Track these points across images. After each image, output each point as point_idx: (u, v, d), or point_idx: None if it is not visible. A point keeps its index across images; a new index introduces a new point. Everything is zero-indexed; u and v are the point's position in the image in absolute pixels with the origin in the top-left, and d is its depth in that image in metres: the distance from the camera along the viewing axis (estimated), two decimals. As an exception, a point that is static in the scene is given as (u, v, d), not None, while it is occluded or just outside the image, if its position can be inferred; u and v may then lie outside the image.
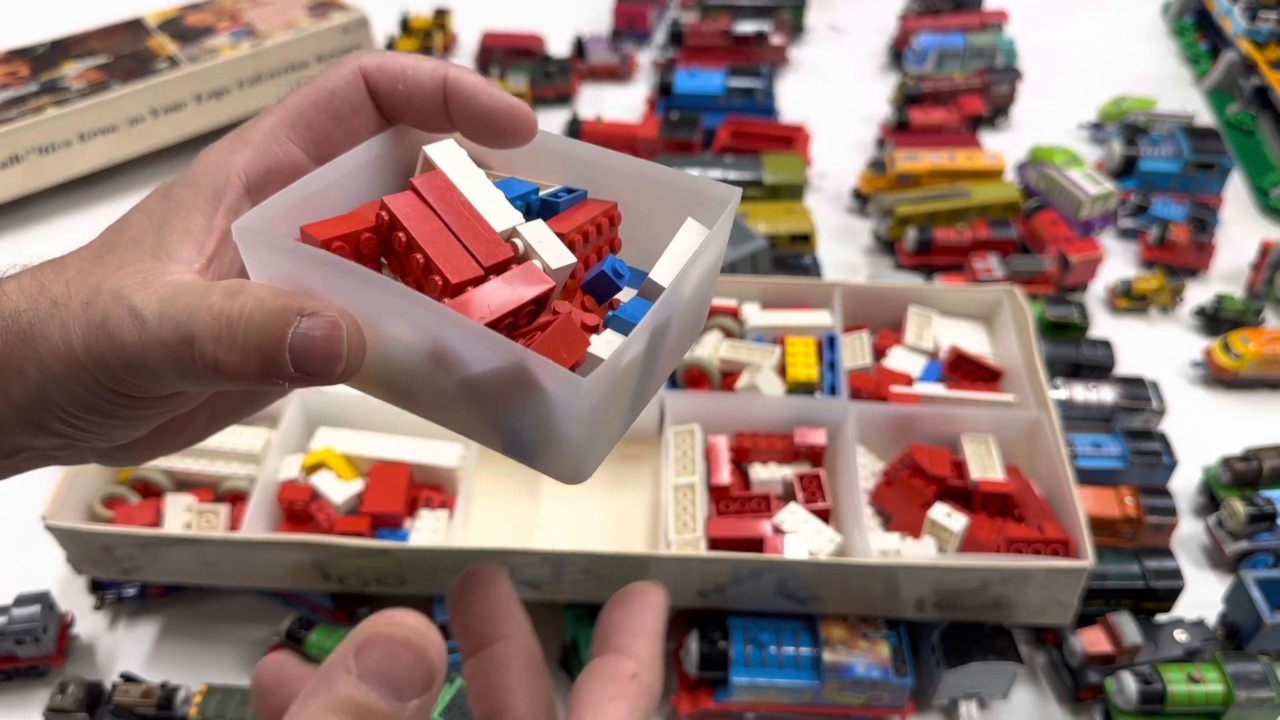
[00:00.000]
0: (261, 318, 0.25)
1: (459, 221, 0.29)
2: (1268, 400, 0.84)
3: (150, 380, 0.27)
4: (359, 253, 0.28)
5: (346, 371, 0.26)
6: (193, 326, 0.25)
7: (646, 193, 0.32)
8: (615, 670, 0.27)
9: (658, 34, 1.30)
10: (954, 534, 0.63)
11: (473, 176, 0.30)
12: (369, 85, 0.30)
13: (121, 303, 0.26)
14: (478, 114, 0.30)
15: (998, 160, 1.00)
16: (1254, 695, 0.59)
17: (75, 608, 0.67)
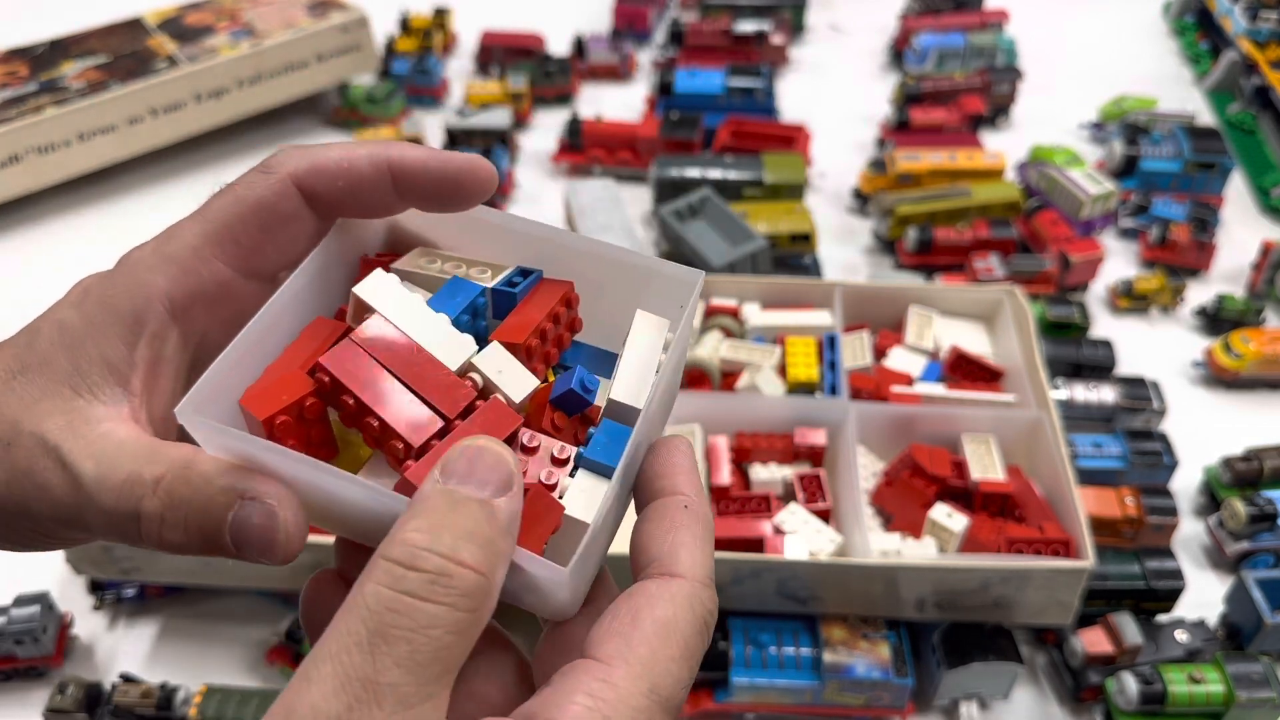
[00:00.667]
0: (205, 499, 0.25)
1: (408, 370, 0.27)
2: (1268, 400, 0.84)
3: (82, 534, 0.26)
4: (303, 419, 0.26)
5: (284, 556, 0.25)
6: (139, 504, 0.25)
7: (602, 271, 0.30)
8: (666, 508, 0.27)
9: (658, 33, 1.30)
10: (954, 534, 0.63)
11: (412, 309, 0.28)
12: (303, 190, 0.28)
13: (50, 454, 0.25)
14: (431, 186, 0.28)
15: (998, 160, 1.00)
16: (1255, 695, 0.59)
17: (74, 608, 0.67)
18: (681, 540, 0.26)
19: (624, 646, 0.24)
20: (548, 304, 0.29)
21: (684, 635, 0.24)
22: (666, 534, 0.26)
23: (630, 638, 0.24)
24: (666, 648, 0.24)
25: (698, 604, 0.25)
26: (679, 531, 0.26)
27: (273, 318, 0.28)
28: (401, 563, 0.21)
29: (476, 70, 1.22)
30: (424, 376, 0.27)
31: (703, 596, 0.25)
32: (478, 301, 0.29)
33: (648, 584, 0.25)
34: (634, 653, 0.24)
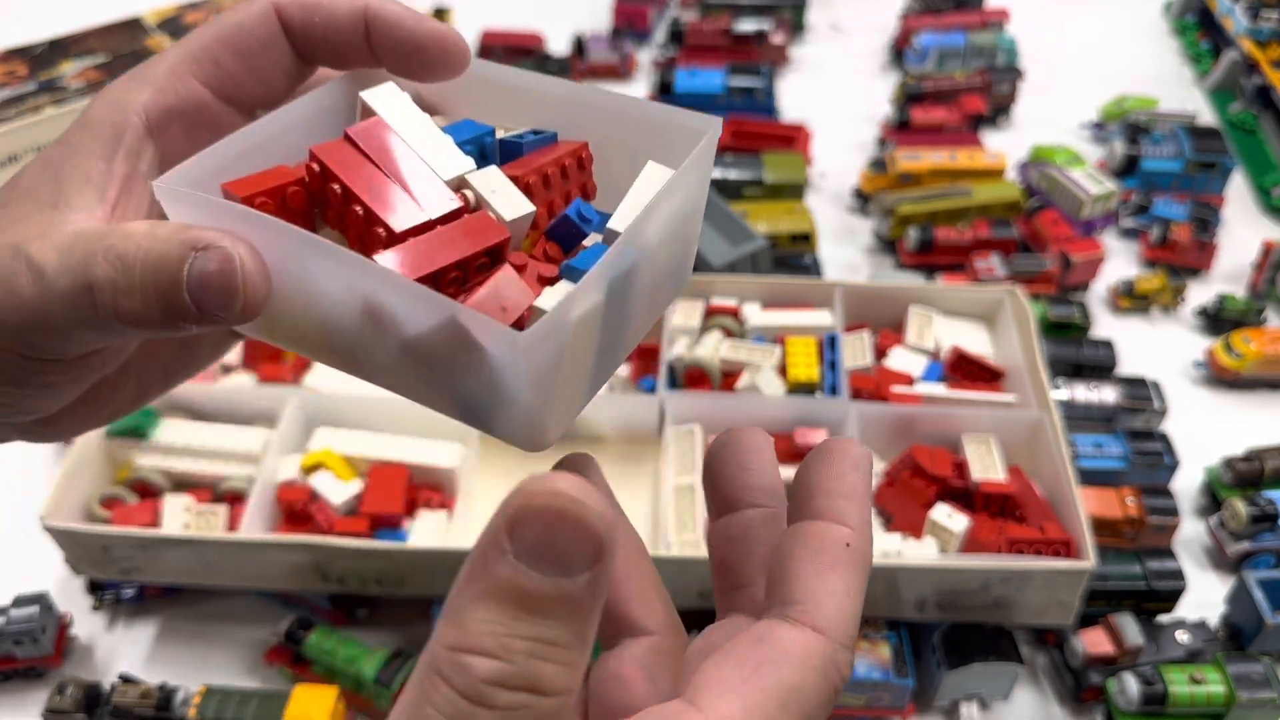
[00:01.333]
0: (156, 256, 0.24)
1: (399, 170, 0.26)
2: (1269, 400, 0.84)
3: (56, 338, 0.25)
4: (285, 207, 0.26)
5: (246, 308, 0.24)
6: (90, 273, 0.24)
7: (622, 131, 0.29)
8: (824, 539, 0.23)
9: (658, 33, 1.29)
10: (955, 534, 0.63)
11: (416, 121, 0.28)
12: (282, 20, 0.28)
13: (20, 257, 0.25)
14: (403, 44, 0.28)
15: (999, 160, 1.00)
16: (1256, 696, 0.59)
17: (74, 608, 0.67)
18: (834, 588, 0.22)
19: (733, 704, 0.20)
20: (555, 155, 0.28)
21: (809, 703, 0.21)
22: (818, 575, 0.22)
23: (744, 695, 0.20)
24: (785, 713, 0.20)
25: (833, 671, 0.21)
26: (834, 576, 0.22)
27: (266, 133, 0.27)
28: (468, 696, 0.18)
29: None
30: (415, 178, 0.26)
31: (840, 661, 0.22)
32: (485, 139, 0.28)
33: (782, 631, 0.22)
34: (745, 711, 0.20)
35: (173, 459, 0.68)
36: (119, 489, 0.67)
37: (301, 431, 0.70)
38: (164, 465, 0.67)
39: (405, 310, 0.23)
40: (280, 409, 0.69)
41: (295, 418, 0.69)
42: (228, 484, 0.66)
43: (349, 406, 0.70)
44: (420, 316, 0.23)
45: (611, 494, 0.25)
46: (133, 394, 0.31)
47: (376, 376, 0.27)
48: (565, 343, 0.23)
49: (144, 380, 0.31)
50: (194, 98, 0.27)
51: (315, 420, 0.71)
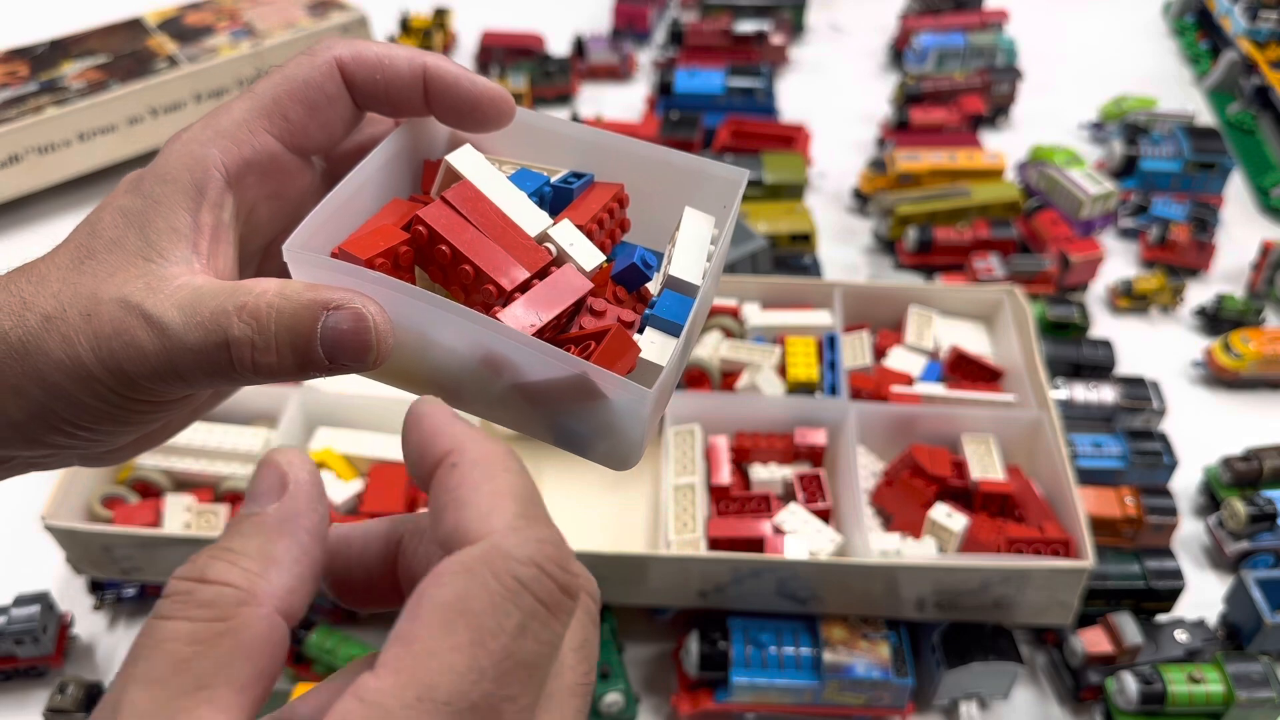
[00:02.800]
0: (291, 315, 0.26)
1: (495, 230, 0.29)
2: (1268, 400, 0.84)
3: (179, 385, 0.27)
4: (397, 265, 0.29)
5: (379, 359, 0.26)
6: (226, 330, 0.26)
7: (648, 174, 0.33)
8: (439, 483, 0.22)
9: (658, 33, 1.30)
10: (954, 534, 0.63)
11: (496, 181, 0.31)
12: (345, 76, 0.30)
13: (133, 312, 0.26)
14: (459, 102, 0.30)
15: (998, 160, 1.00)
16: (1254, 695, 0.59)
17: (75, 608, 0.67)
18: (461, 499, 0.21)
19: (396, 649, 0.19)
20: (602, 200, 0.31)
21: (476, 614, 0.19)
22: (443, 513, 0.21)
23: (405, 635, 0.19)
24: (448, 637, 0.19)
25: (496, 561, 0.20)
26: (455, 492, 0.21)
27: (357, 185, 0.30)
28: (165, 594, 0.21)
29: (476, 70, 1.22)
30: (508, 237, 0.29)
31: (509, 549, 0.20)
32: (544, 189, 0.32)
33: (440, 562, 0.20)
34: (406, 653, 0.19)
35: (174, 459, 0.68)
36: (120, 488, 0.67)
37: (302, 431, 0.70)
38: (165, 465, 0.68)
39: (530, 364, 0.27)
40: (281, 409, 0.69)
41: (296, 417, 0.70)
42: (229, 484, 0.67)
43: (349, 406, 0.70)
44: (547, 370, 0.27)
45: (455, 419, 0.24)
46: (187, 417, 0.33)
47: (477, 408, 0.30)
48: (671, 387, 0.29)
49: (197, 404, 0.33)
50: (267, 150, 0.29)
51: (316, 420, 0.71)
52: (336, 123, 0.30)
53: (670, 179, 0.32)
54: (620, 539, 0.67)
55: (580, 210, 0.31)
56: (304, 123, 0.30)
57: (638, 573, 0.61)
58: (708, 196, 0.32)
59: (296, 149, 0.30)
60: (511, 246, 0.29)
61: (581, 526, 0.68)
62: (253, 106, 0.29)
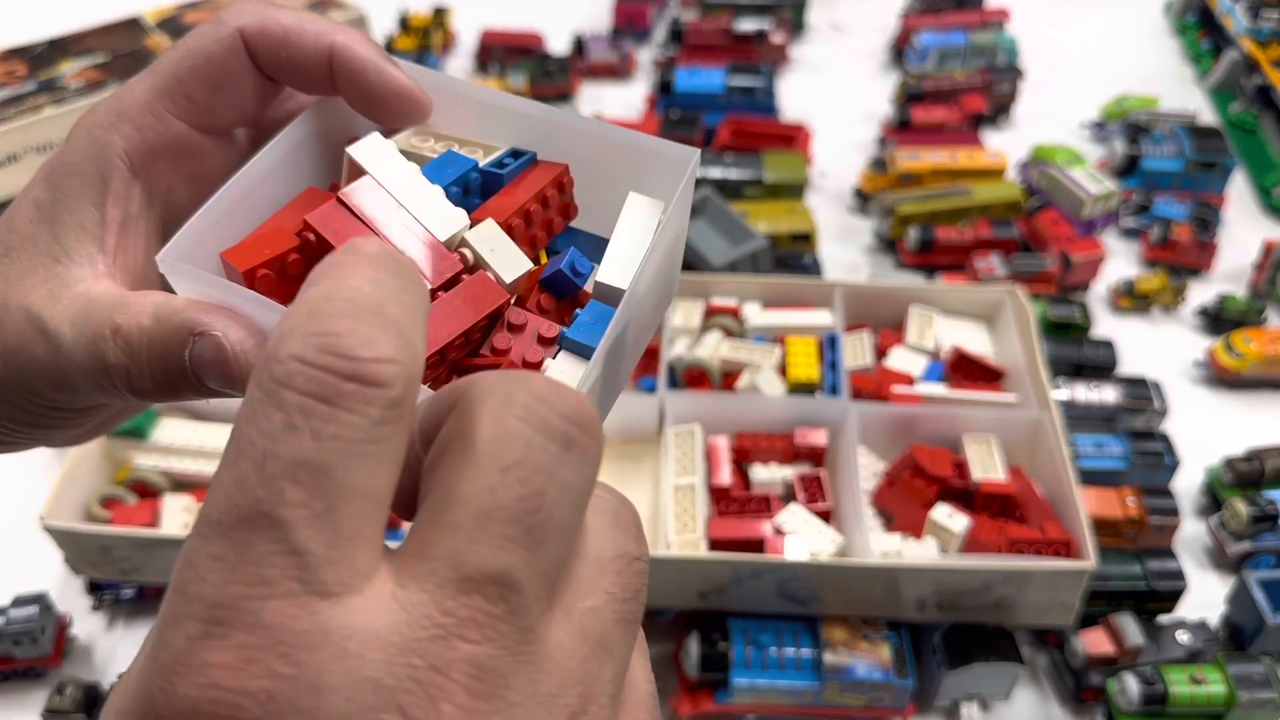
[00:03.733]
0: (160, 343, 0.25)
1: (397, 235, 0.26)
2: (1270, 400, 0.84)
3: (77, 396, 0.27)
4: (286, 276, 0.26)
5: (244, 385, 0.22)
6: (103, 351, 0.25)
7: (600, 153, 0.29)
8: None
9: (658, 32, 1.29)
10: (955, 535, 0.63)
11: (406, 175, 0.27)
12: (249, 48, 0.27)
13: (35, 323, 0.26)
14: (365, 92, 0.28)
15: (999, 159, 1.00)
16: (1256, 696, 0.59)
17: (73, 609, 0.67)
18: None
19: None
20: (537, 186, 0.28)
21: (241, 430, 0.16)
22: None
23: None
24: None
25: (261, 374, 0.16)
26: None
27: (255, 178, 0.27)
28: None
29: (476, 69, 1.22)
30: (413, 242, 0.26)
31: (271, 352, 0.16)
32: (470, 175, 0.28)
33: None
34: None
35: (172, 459, 0.68)
36: (118, 489, 0.67)
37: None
38: (163, 465, 0.67)
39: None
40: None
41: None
42: (227, 484, 0.66)
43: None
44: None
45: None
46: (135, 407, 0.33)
47: None
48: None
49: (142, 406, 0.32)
50: (173, 133, 0.28)
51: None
52: (246, 98, 0.28)
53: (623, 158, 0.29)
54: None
55: (507, 201, 0.28)
56: (208, 100, 0.28)
57: (638, 573, 0.61)
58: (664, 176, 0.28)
59: (205, 128, 0.28)
60: (417, 254, 0.26)
61: (581, 527, 0.67)
62: (153, 86, 0.27)
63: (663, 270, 0.29)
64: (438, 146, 0.30)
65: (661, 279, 0.29)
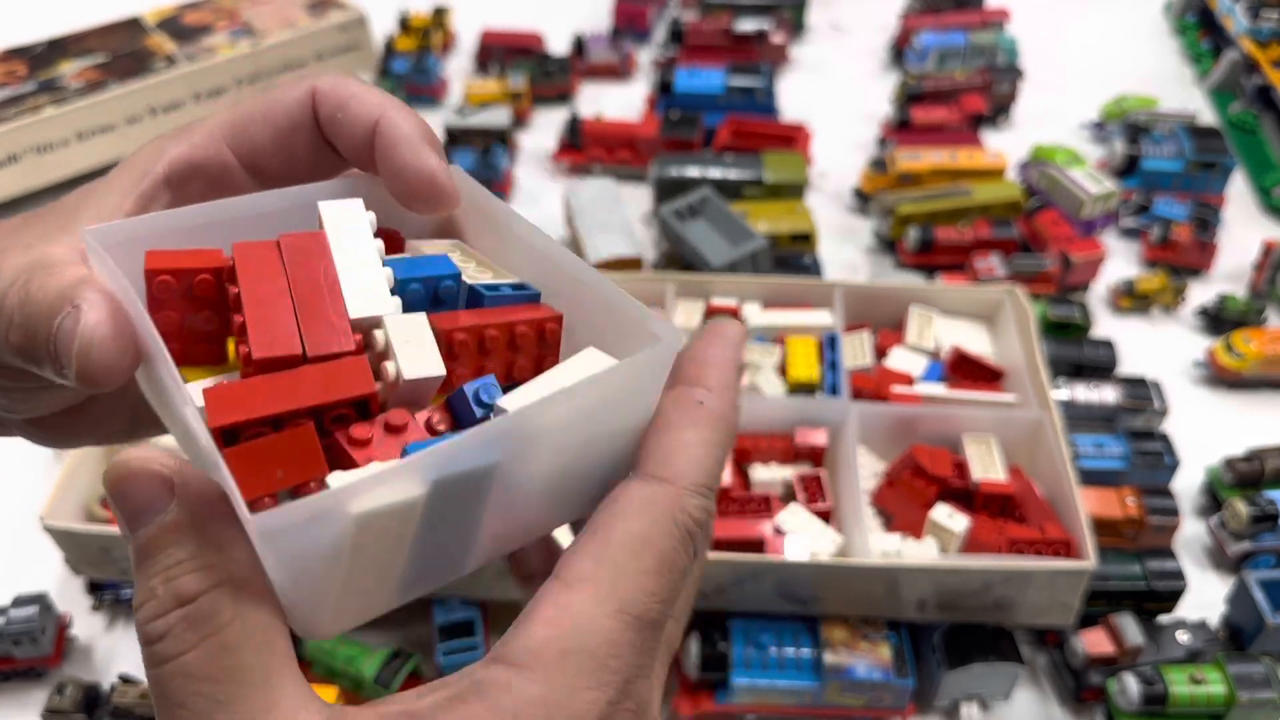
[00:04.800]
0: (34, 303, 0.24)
1: (307, 292, 0.24)
2: (1271, 400, 0.84)
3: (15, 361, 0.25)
4: (190, 294, 0.24)
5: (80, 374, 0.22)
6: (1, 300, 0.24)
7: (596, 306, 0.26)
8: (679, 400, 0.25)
9: (658, 32, 1.29)
10: (955, 535, 0.63)
11: (359, 246, 0.26)
12: (315, 105, 0.29)
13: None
14: (396, 168, 0.28)
15: (999, 159, 1.00)
16: (1256, 696, 0.59)
17: (73, 609, 0.67)
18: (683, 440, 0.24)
19: (591, 566, 0.22)
20: (513, 318, 0.25)
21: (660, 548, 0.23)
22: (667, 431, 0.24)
23: (599, 555, 0.23)
24: (637, 562, 0.22)
25: (680, 513, 0.23)
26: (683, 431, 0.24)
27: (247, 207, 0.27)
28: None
29: (476, 69, 1.22)
30: (315, 306, 0.24)
31: (688, 505, 0.23)
32: (444, 282, 0.26)
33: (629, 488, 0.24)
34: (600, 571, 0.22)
35: (172, 459, 0.68)
36: (118, 489, 0.67)
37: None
38: (163, 465, 0.67)
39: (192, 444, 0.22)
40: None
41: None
42: (227, 484, 0.66)
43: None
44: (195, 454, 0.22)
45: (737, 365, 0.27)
46: (126, 426, 0.31)
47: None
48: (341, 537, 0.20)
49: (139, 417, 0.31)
50: (219, 159, 0.29)
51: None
52: (299, 151, 0.29)
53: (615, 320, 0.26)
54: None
55: (468, 319, 0.25)
56: (265, 143, 0.29)
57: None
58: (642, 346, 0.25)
59: (251, 167, 0.29)
60: (313, 318, 0.23)
61: (581, 527, 0.67)
62: (225, 119, 0.29)
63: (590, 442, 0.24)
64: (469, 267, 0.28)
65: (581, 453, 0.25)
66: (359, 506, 0.20)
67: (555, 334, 0.26)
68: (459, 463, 0.21)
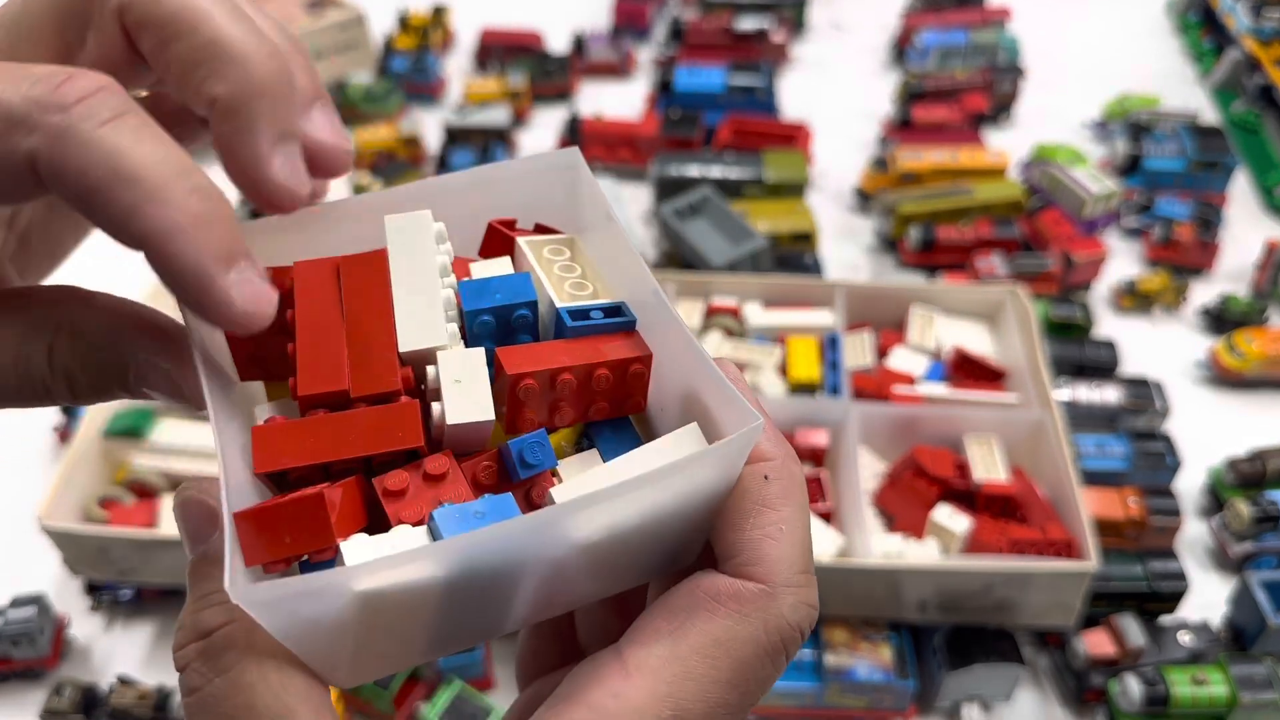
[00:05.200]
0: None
1: (361, 321, 0.22)
2: (1273, 400, 0.84)
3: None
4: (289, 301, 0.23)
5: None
6: None
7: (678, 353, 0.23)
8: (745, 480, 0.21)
9: (658, 31, 1.29)
10: (957, 536, 0.63)
11: (423, 266, 0.23)
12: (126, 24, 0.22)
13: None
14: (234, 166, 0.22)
15: (1001, 158, 1.00)
16: (1258, 697, 0.59)
17: (71, 610, 0.67)
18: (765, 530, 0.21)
19: (658, 655, 0.20)
20: (596, 357, 0.23)
21: (742, 656, 0.20)
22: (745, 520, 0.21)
23: (670, 651, 0.20)
24: (711, 669, 0.20)
25: (773, 619, 0.20)
26: (761, 514, 0.21)
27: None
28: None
29: (475, 68, 1.22)
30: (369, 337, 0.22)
31: (784, 609, 0.21)
32: (520, 310, 0.23)
33: (719, 581, 0.21)
34: (666, 667, 0.20)
35: (170, 459, 0.67)
36: (117, 489, 0.66)
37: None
38: (162, 466, 0.67)
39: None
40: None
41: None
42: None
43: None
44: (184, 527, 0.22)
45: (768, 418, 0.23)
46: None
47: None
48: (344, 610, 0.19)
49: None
50: None
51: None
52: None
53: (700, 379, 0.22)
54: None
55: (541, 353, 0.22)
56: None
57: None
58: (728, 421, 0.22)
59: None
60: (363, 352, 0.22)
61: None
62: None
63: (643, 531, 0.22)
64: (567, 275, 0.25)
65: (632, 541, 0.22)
66: (363, 585, 0.19)
67: (641, 377, 0.23)
68: (484, 548, 0.19)
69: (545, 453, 0.22)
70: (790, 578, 0.21)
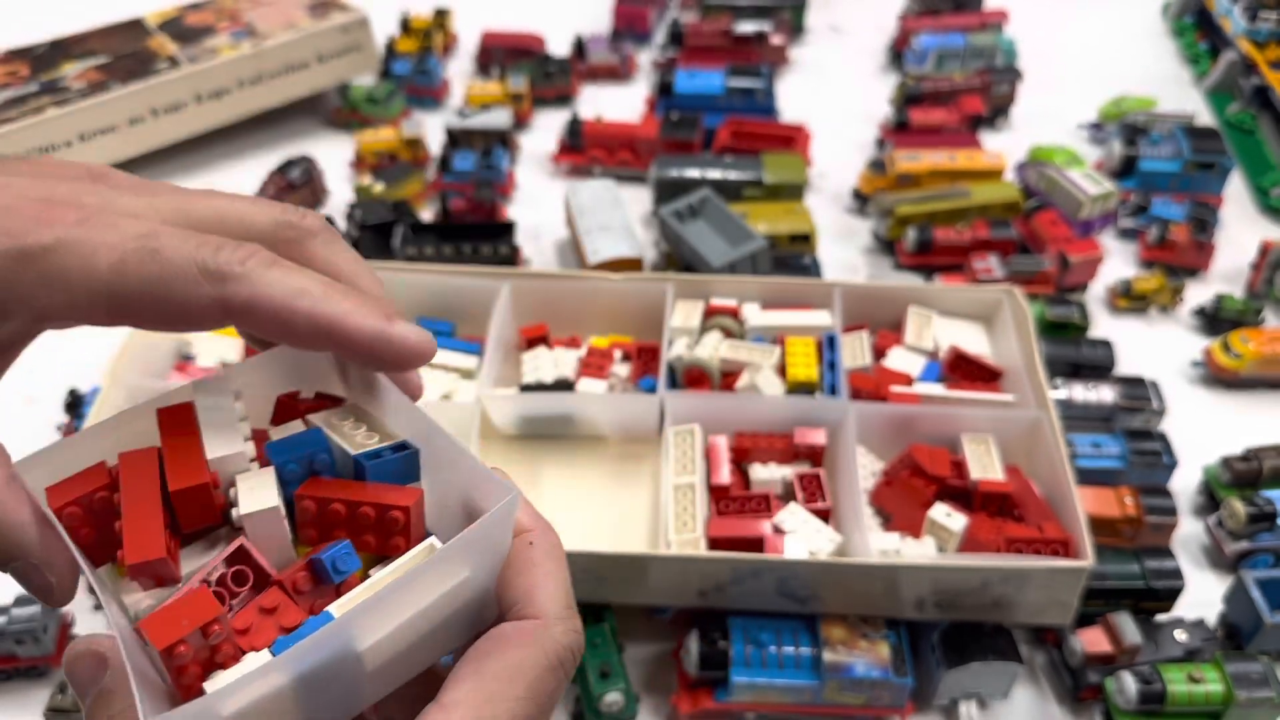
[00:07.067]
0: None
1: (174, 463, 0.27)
2: (1268, 400, 0.84)
3: None
4: (92, 511, 0.27)
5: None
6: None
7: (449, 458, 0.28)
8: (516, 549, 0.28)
9: (658, 34, 1.30)
10: (954, 534, 0.63)
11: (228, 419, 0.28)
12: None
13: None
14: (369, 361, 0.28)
15: (998, 160, 1.00)
16: (1254, 695, 0.59)
17: (75, 608, 0.67)
18: (534, 580, 0.27)
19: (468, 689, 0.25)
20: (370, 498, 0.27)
21: (531, 675, 0.26)
22: (518, 576, 0.28)
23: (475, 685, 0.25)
24: (510, 688, 0.25)
25: (549, 642, 0.26)
26: (530, 570, 0.28)
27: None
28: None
29: (477, 71, 1.22)
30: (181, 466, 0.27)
31: (555, 633, 0.27)
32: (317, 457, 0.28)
33: (504, 626, 0.27)
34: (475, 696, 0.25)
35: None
36: (120, 489, 0.67)
37: (302, 431, 0.70)
38: (165, 465, 0.68)
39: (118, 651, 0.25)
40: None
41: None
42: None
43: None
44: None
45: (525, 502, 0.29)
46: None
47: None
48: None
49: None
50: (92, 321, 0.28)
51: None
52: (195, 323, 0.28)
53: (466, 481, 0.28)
54: (620, 539, 0.67)
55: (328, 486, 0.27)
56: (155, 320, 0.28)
57: (638, 572, 0.61)
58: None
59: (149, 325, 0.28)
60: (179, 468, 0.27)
61: (582, 526, 0.68)
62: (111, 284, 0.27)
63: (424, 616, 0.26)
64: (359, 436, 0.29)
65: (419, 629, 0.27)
66: (232, 707, 0.23)
67: (397, 522, 0.27)
68: (314, 654, 0.24)
69: (352, 560, 0.26)
70: (559, 612, 0.27)
